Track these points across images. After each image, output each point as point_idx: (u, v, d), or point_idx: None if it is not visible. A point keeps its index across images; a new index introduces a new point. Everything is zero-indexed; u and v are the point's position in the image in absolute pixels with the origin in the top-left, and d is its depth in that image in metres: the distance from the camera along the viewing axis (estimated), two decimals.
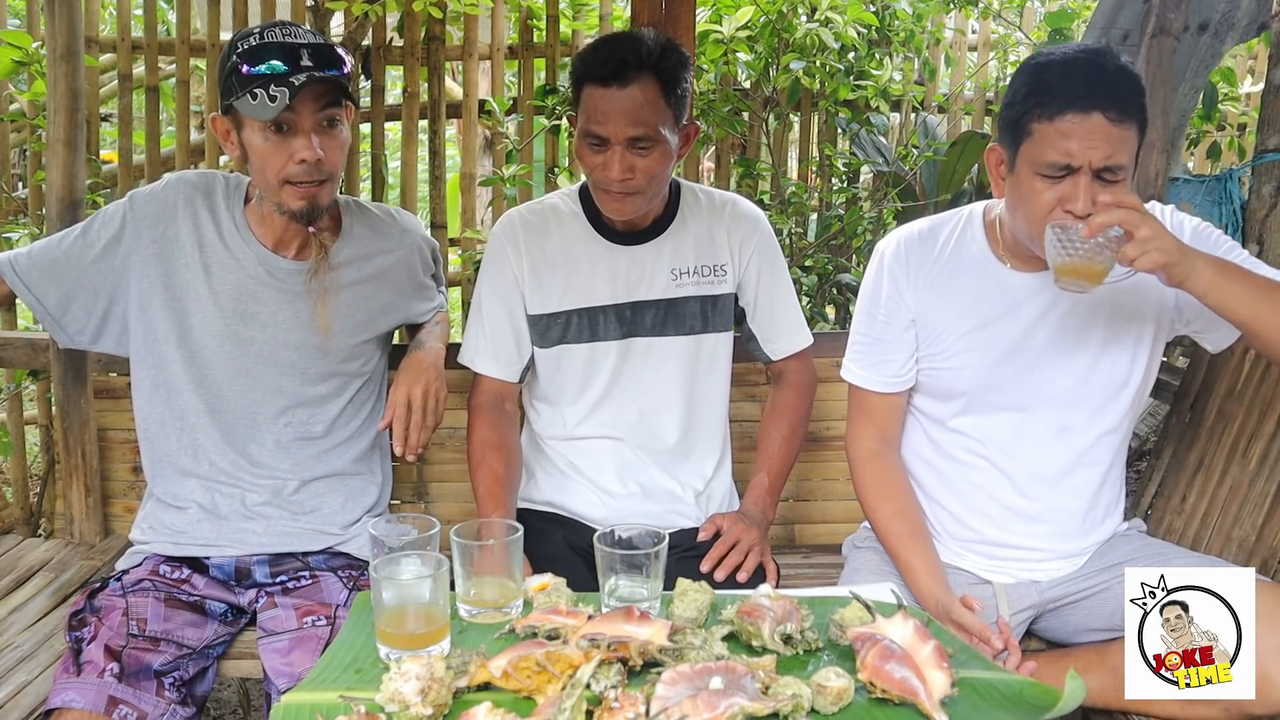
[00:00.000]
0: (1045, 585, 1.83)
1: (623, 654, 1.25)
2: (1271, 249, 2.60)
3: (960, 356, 1.79)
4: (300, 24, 1.79)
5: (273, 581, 1.87)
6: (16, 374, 3.28)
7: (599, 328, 1.99)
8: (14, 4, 4.43)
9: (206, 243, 1.88)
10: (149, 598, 1.76)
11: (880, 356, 1.85)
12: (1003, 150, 1.67)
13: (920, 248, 1.83)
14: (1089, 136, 1.54)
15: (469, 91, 3.57)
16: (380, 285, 1.99)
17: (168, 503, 1.92)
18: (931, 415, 1.87)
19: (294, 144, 1.75)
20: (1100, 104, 1.53)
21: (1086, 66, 1.57)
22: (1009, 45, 4.09)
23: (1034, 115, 1.58)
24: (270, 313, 1.88)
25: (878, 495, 1.84)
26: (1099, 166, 1.55)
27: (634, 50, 1.79)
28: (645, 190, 1.86)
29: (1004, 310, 1.77)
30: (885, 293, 1.84)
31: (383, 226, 2.01)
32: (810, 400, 2.13)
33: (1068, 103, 1.54)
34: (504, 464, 1.95)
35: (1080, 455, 1.80)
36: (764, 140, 3.67)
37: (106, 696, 1.58)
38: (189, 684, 1.71)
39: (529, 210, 2.04)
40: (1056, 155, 1.56)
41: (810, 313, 3.50)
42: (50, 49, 2.25)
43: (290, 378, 1.91)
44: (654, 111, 1.80)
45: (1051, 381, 1.77)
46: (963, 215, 1.85)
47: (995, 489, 1.82)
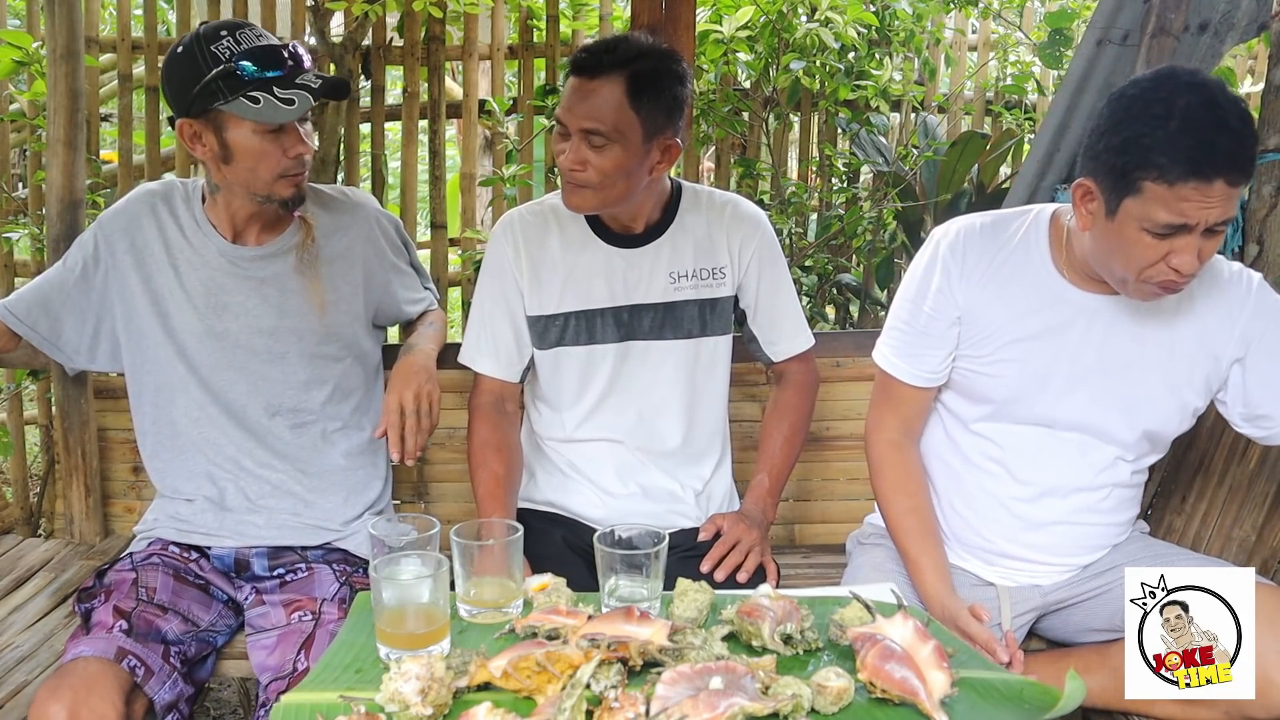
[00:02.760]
0: (1048, 589, 1.82)
1: (623, 654, 1.25)
2: (1271, 249, 2.60)
3: (1003, 364, 1.74)
4: (254, 25, 1.85)
5: (270, 574, 1.89)
6: (16, 374, 3.28)
7: (596, 330, 1.98)
8: (14, 4, 4.42)
9: (172, 244, 1.92)
10: (158, 571, 1.82)
11: (919, 350, 1.79)
12: (1097, 189, 1.56)
13: (980, 243, 1.75)
14: (1207, 201, 1.45)
15: (469, 91, 3.57)
16: (347, 263, 2.00)
17: (173, 497, 1.96)
18: (957, 414, 1.83)
19: (286, 141, 1.80)
20: (1224, 170, 1.43)
21: (1210, 126, 1.44)
22: (1009, 45, 4.09)
23: (1149, 174, 1.46)
24: (240, 302, 1.92)
25: (894, 488, 1.81)
26: (1213, 224, 1.48)
27: (613, 48, 1.80)
28: (596, 186, 1.83)
29: (1056, 326, 1.71)
30: (935, 285, 1.76)
31: (335, 205, 2.03)
32: (812, 401, 2.12)
33: (1191, 169, 1.43)
34: (504, 465, 1.95)
35: (1099, 476, 1.77)
36: (764, 140, 3.67)
37: (116, 646, 1.62)
38: (190, 664, 1.74)
39: (529, 210, 2.04)
40: (1171, 217, 1.47)
41: (810, 313, 3.50)
42: (50, 49, 2.25)
43: (270, 365, 1.93)
44: (613, 110, 1.78)
45: (1087, 405, 1.73)
46: (1029, 216, 1.77)
47: (1008, 498, 1.79)
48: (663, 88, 1.82)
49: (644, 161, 1.84)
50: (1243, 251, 2.66)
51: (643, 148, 1.82)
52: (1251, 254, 2.64)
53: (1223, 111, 1.45)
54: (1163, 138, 1.45)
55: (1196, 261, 1.51)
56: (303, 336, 1.95)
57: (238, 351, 1.92)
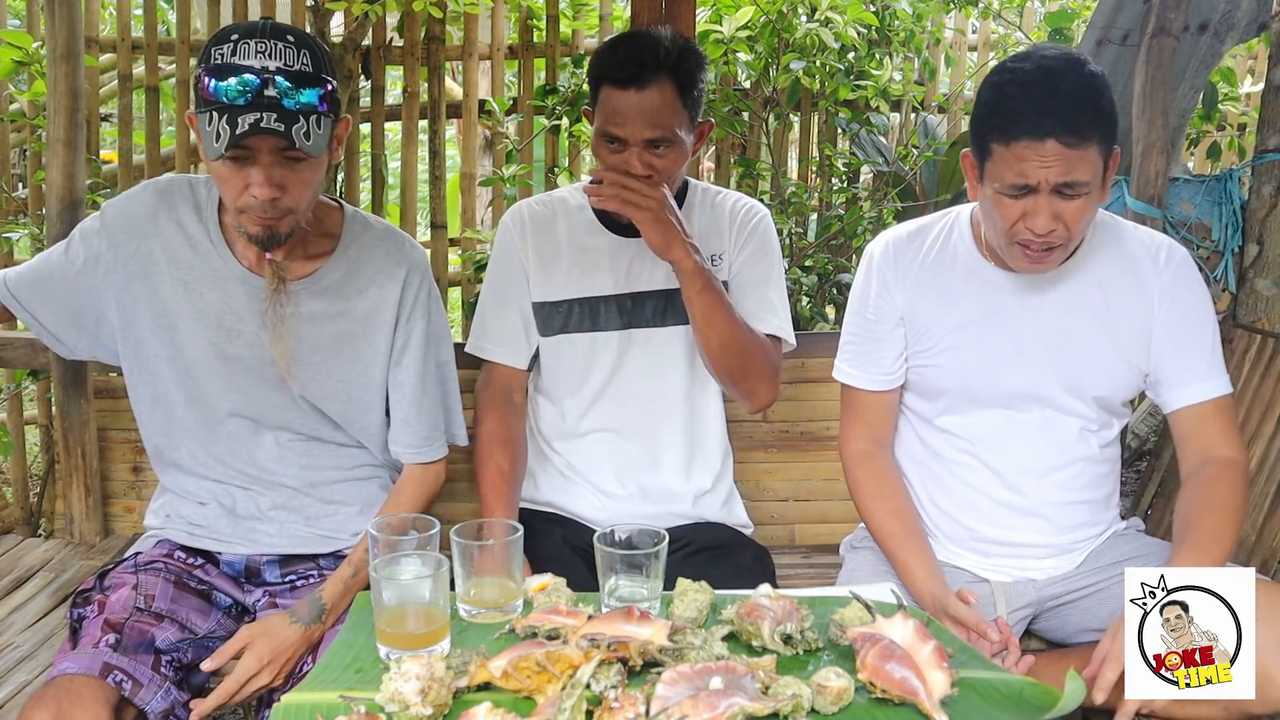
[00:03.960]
0: (1042, 583, 1.83)
1: (623, 654, 1.25)
2: (1271, 249, 2.60)
3: (946, 354, 1.81)
4: (285, 33, 1.58)
5: (282, 581, 1.86)
6: (16, 374, 3.29)
7: (600, 318, 2.00)
8: (14, 4, 4.43)
9: (180, 260, 1.78)
10: (159, 577, 1.77)
11: (871, 354, 1.86)
12: (972, 159, 1.69)
13: (908, 248, 1.85)
14: (1043, 160, 1.55)
15: (469, 91, 3.57)
16: (355, 324, 1.81)
17: (183, 495, 1.89)
18: (920, 414, 1.88)
19: (250, 173, 1.59)
20: (1054, 130, 1.54)
21: (1042, 89, 1.56)
22: (1009, 45, 4.09)
23: (993, 136, 1.59)
24: (254, 331, 1.78)
25: (871, 496, 1.85)
26: (1057, 183, 1.57)
27: (652, 53, 1.81)
28: (661, 186, 1.87)
29: (990, 308, 1.78)
30: (874, 291, 1.85)
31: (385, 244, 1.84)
32: (765, 371, 1.98)
33: (1022, 129, 1.55)
34: (510, 459, 1.96)
35: (1067, 450, 1.81)
36: (764, 140, 3.67)
37: (101, 662, 1.57)
38: (186, 669, 1.71)
39: (538, 201, 2.08)
40: (1014, 177, 1.58)
41: (810, 313, 3.50)
42: (50, 49, 2.25)
43: (279, 391, 1.82)
44: (670, 114, 1.83)
45: (1036, 379, 1.78)
46: (950, 216, 1.87)
47: (985, 485, 1.83)
48: (697, 79, 1.88)
49: (691, 150, 1.92)
50: (1243, 251, 2.67)
51: (691, 138, 1.91)
52: (1251, 254, 2.64)
53: (1057, 76, 1.56)
54: (1004, 102, 1.58)
55: (1051, 222, 1.58)
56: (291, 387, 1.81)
57: (248, 376, 1.81)
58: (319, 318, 1.79)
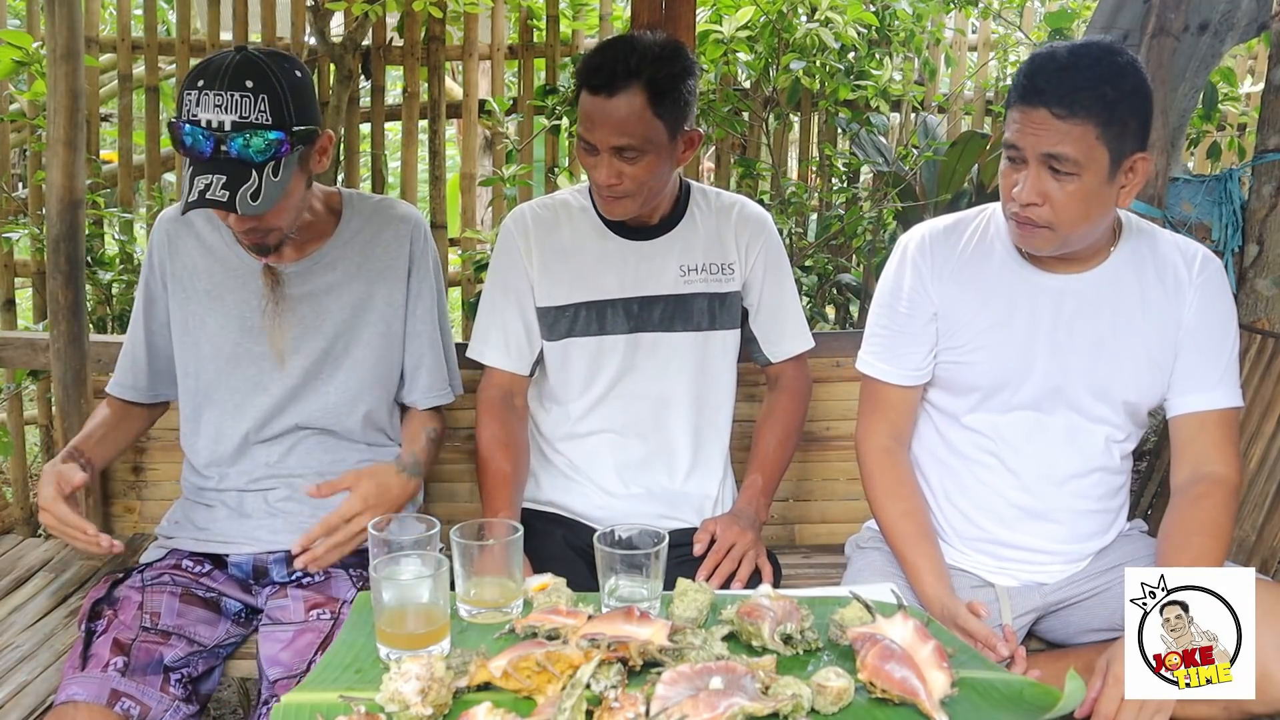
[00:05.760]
0: (1050, 588, 1.82)
1: (623, 654, 1.25)
2: (1271, 249, 2.60)
3: (979, 351, 1.79)
4: (246, 78, 1.61)
5: (289, 579, 1.88)
6: (17, 374, 3.28)
7: (606, 321, 1.99)
8: (14, 4, 4.43)
9: (201, 270, 1.87)
10: (164, 593, 1.78)
11: (901, 349, 1.83)
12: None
13: (945, 241, 1.83)
14: (1032, 126, 1.60)
15: (469, 91, 3.57)
16: (370, 285, 1.90)
17: (196, 501, 1.94)
18: (945, 410, 1.86)
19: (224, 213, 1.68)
20: (1048, 100, 1.58)
21: (1059, 64, 1.61)
22: (1009, 45, 4.09)
23: (1009, 101, 1.67)
24: (272, 324, 1.86)
25: (887, 494, 1.83)
26: (1042, 153, 1.59)
27: (625, 59, 1.79)
28: (635, 194, 1.87)
29: (1025, 307, 1.76)
30: (908, 285, 1.82)
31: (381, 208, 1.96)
32: (806, 406, 2.12)
33: (1024, 94, 1.62)
34: (511, 463, 1.95)
35: (1089, 460, 1.79)
36: (764, 140, 3.67)
37: (109, 689, 1.59)
38: (195, 681, 1.72)
39: (540, 204, 2.05)
40: (1010, 135, 1.64)
41: (810, 313, 3.51)
42: (50, 49, 2.25)
43: (293, 383, 1.89)
44: (639, 123, 1.80)
45: (1067, 381, 1.76)
46: (987, 212, 1.85)
47: (1003, 487, 1.81)
48: (678, 87, 1.83)
49: (672, 158, 1.89)
50: (1243, 251, 2.67)
51: (669, 147, 1.87)
52: (1251, 254, 2.64)
53: (1080, 56, 1.61)
54: (1026, 70, 1.64)
55: (1034, 195, 1.62)
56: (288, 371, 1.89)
57: (266, 368, 1.88)
58: (334, 287, 1.88)
